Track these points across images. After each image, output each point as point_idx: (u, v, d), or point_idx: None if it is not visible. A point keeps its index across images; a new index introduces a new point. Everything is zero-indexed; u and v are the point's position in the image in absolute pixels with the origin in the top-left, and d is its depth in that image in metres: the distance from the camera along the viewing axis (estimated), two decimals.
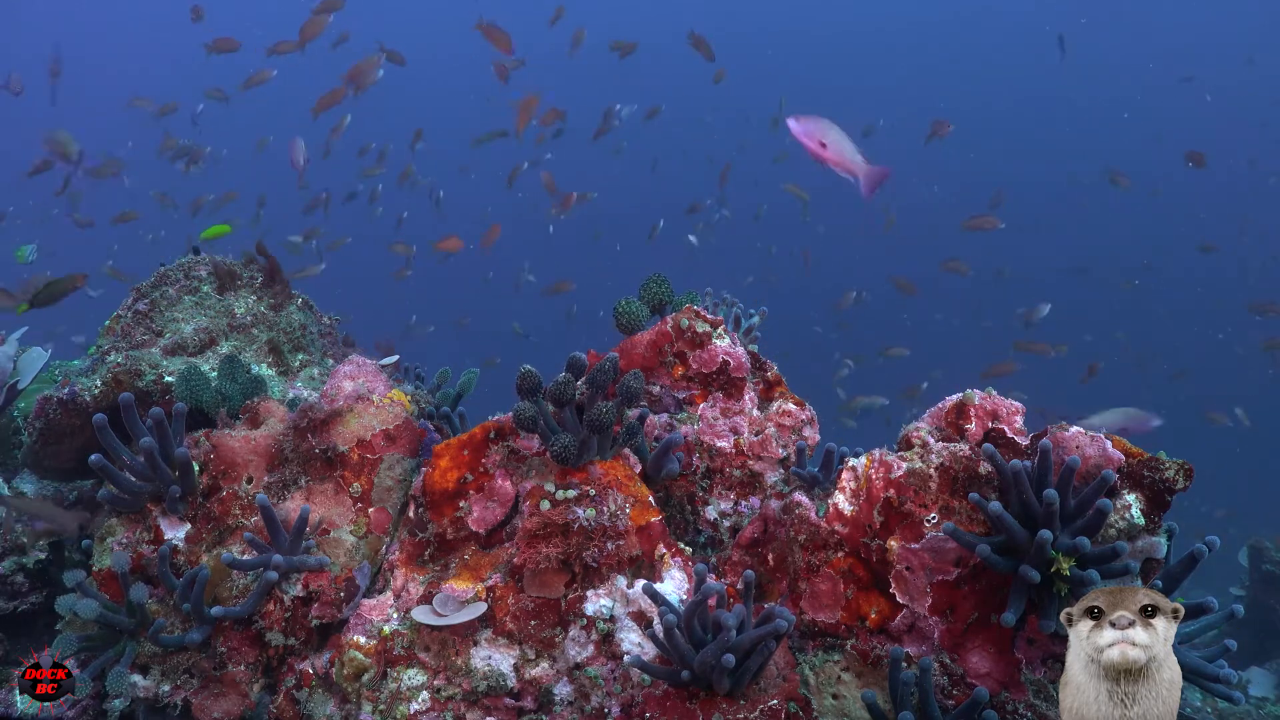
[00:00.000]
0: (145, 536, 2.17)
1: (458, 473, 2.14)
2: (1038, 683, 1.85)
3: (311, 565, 2.11)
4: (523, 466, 2.12)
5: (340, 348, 3.35)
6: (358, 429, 2.29)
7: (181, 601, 2.05)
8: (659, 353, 2.44)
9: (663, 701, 1.79)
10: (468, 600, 1.98)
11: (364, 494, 2.25)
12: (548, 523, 1.97)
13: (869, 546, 1.94)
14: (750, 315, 2.88)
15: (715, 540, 2.32)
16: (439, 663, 1.94)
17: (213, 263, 3.09)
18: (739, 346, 2.44)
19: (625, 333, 2.55)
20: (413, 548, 2.16)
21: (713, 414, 2.38)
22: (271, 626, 2.09)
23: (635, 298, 2.59)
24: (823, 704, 1.88)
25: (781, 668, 1.88)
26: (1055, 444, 1.85)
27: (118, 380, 2.62)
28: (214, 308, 2.99)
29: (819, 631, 1.98)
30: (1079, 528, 1.75)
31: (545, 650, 1.93)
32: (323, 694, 2.05)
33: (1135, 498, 1.80)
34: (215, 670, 2.10)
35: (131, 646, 2.08)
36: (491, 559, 2.07)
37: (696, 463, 2.35)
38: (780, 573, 2.08)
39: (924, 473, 1.90)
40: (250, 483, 2.25)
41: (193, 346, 2.87)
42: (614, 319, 2.56)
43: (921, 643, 1.89)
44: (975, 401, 2.04)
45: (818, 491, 2.19)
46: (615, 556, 1.96)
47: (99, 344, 2.96)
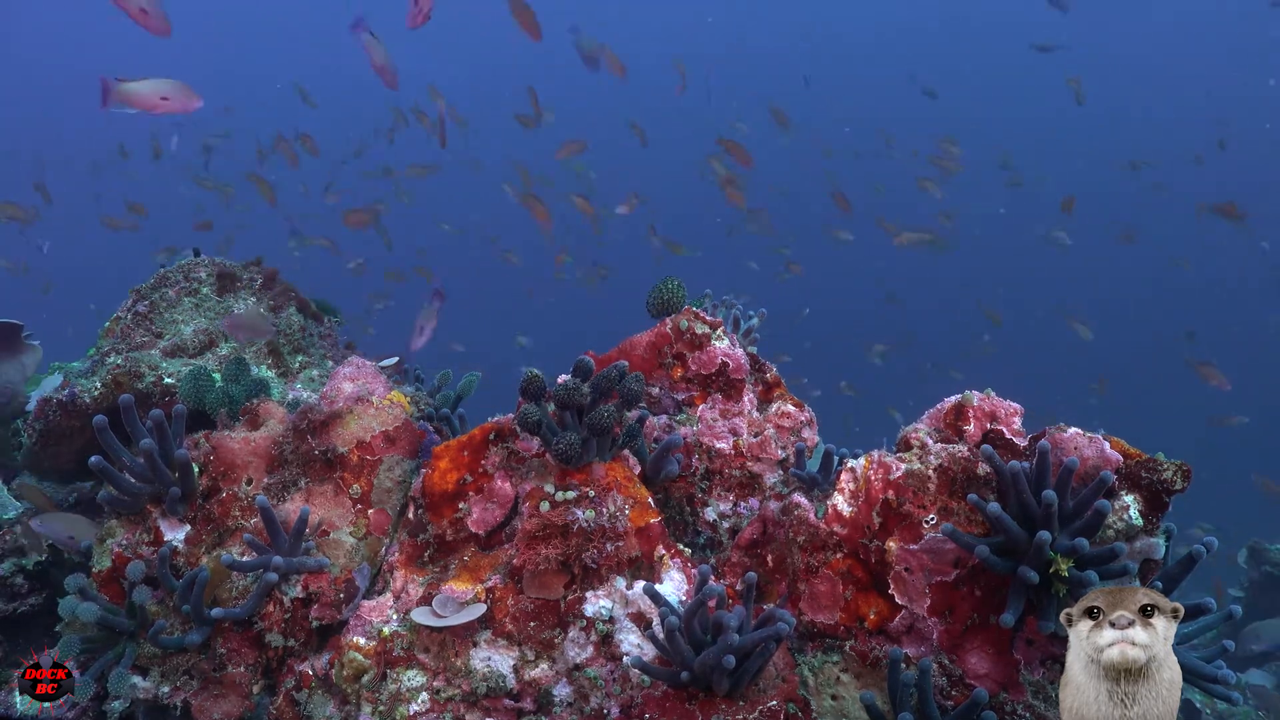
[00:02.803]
0: (145, 538, 2.17)
1: (457, 474, 2.14)
2: (1036, 684, 1.85)
3: (311, 566, 2.11)
4: (522, 468, 2.12)
5: (340, 350, 3.35)
6: (357, 430, 2.29)
7: (181, 603, 2.05)
8: (658, 354, 2.44)
9: (662, 703, 1.79)
10: (467, 601, 1.98)
11: (363, 495, 2.25)
12: (547, 524, 1.97)
13: (868, 548, 1.94)
14: (749, 317, 2.89)
15: (714, 541, 2.32)
16: (438, 664, 1.94)
17: (212, 264, 3.09)
18: (738, 348, 2.44)
19: (656, 317, 2.53)
20: (412, 549, 2.16)
21: (712, 415, 2.39)
22: (271, 628, 2.09)
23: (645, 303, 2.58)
24: (822, 705, 1.88)
25: (781, 669, 1.88)
26: (1053, 445, 1.85)
27: (117, 382, 2.62)
28: (214, 309, 3.00)
29: (818, 633, 1.98)
30: (1077, 529, 1.75)
31: (545, 651, 1.93)
32: (322, 695, 2.05)
33: (1133, 499, 1.80)
34: (215, 672, 2.10)
35: (131, 648, 2.08)
36: (491, 560, 2.07)
37: (696, 464, 2.35)
38: (779, 574, 2.08)
39: (922, 474, 1.91)
40: (250, 484, 2.25)
41: (192, 348, 2.87)
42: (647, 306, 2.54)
43: (920, 644, 1.89)
44: (974, 403, 2.04)
45: (817, 493, 2.19)
46: (615, 558, 1.96)
47: (98, 345, 2.96)
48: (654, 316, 2.59)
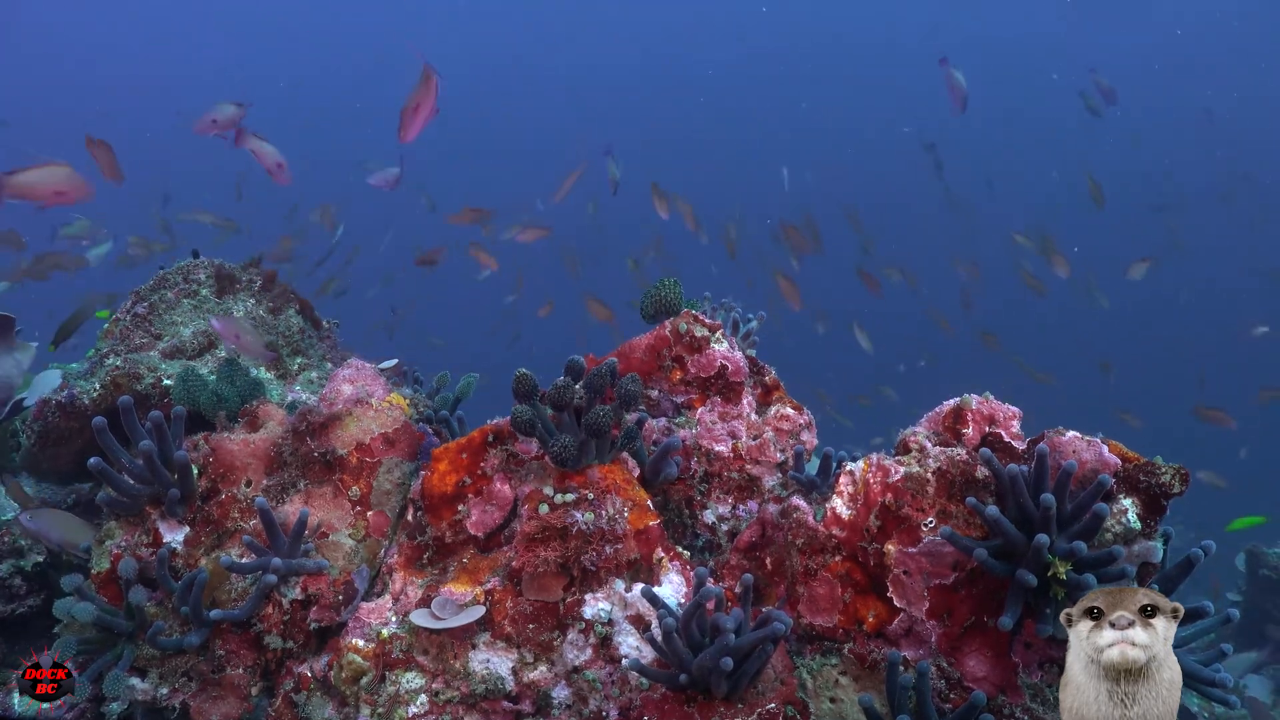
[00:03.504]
0: (144, 539, 2.17)
1: (456, 476, 2.14)
2: (1035, 686, 1.85)
3: (310, 568, 2.11)
4: (521, 470, 2.13)
5: (339, 351, 3.35)
6: (356, 432, 2.29)
7: (180, 604, 2.05)
8: (657, 357, 2.45)
9: (661, 705, 1.79)
10: (466, 603, 1.98)
11: (363, 497, 2.25)
12: (546, 526, 1.97)
13: (866, 550, 1.94)
14: (748, 320, 2.89)
15: (713, 544, 2.32)
16: (437, 666, 1.94)
17: (212, 266, 3.09)
18: (737, 351, 2.45)
19: (651, 321, 2.54)
20: (411, 551, 2.16)
21: (711, 418, 2.39)
22: (270, 629, 2.09)
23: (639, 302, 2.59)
24: (820, 707, 1.88)
25: (779, 671, 1.88)
26: (1052, 448, 1.86)
27: (116, 383, 2.62)
28: (213, 311, 3.00)
29: (816, 635, 1.98)
30: (1075, 532, 1.75)
31: (543, 653, 1.93)
32: (321, 697, 2.05)
33: (1131, 502, 1.80)
34: (213, 673, 2.09)
35: (130, 649, 2.08)
36: (490, 562, 2.07)
37: (695, 467, 2.36)
38: (778, 576, 2.08)
39: (921, 477, 1.91)
40: (249, 486, 2.25)
41: (191, 350, 2.87)
42: (641, 308, 2.56)
43: (919, 646, 1.89)
44: (972, 406, 2.05)
45: (815, 496, 2.19)
46: (613, 560, 1.96)
47: (98, 347, 2.96)
48: (648, 320, 2.59)
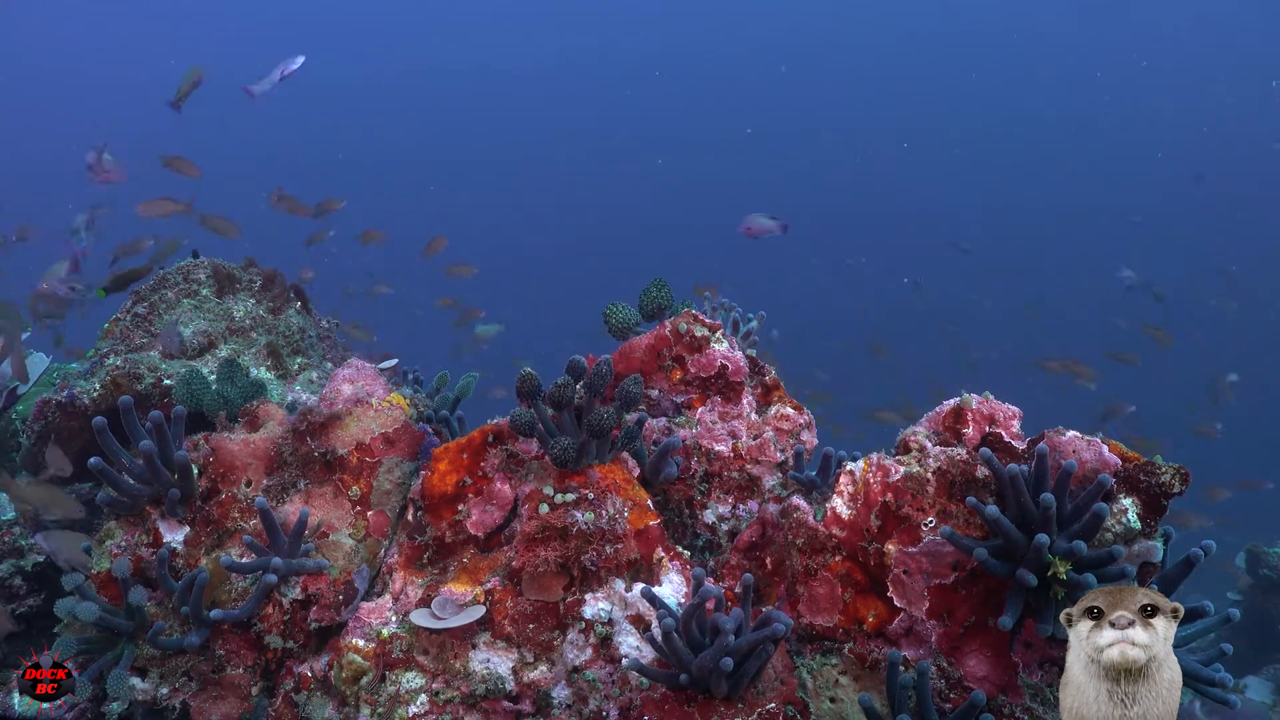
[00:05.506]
0: (144, 539, 2.17)
1: (456, 476, 2.14)
2: (1035, 686, 1.85)
3: (310, 568, 2.11)
4: (521, 470, 2.13)
5: (339, 351, 3.35)
6: (357, 432, 2.29)
7: (180, 604, 2.05)
8: (657, 357, 2.45)
9: (661, 705, 1.79)
10: (466, 603, 1.98)
11: (363, 497, 2.25)
12: (546, 526, 1.97)
13: (867, 550, 1.94)
14: (749, 319, 2.89)
15: (713, 544, 2.32)
16: (437, 666, 1.94)
17: (212, 266, 3.09)
18: (737, 351, 2.45)
19: (617, 337, 2.55)
20: (411, 551, 2.16)
21: (711, 418, 2.39)
22: (270, 629, 2.09)
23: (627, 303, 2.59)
24: (820, 707, 1.88)
25: (779, 671, 1.88)
26: (1052, 448, 1.86)
27: (116, 383, 2.62)
28: (213, 311, 3.00)
29: (817, 635, 1.98)
30: (1075, 532, 1.75)
31: (544, 653, 1.93)
32: (321, 697, 2.05)
33: (1131, 502, 1.80)
34: (214, 673, 2.10)
35: (130, 649, 2.08)
36: (490, 562, 2.07)
37: (695, 466, 2.36)
38: (778, 576, 2.08)
39: (921, 477, 1.91)
40: (249, 486, 2.25)
41: (191, 350, 2.87)
42: (605, 323, 2.57)
43: (919, 646, 1.89)
44: (973, 406, 2.05)
45: (815, 495, 2.19)
46: (614, 560, 1.96)
47: (98, 347, 2.96)
48: (647, 319, 2.59)
